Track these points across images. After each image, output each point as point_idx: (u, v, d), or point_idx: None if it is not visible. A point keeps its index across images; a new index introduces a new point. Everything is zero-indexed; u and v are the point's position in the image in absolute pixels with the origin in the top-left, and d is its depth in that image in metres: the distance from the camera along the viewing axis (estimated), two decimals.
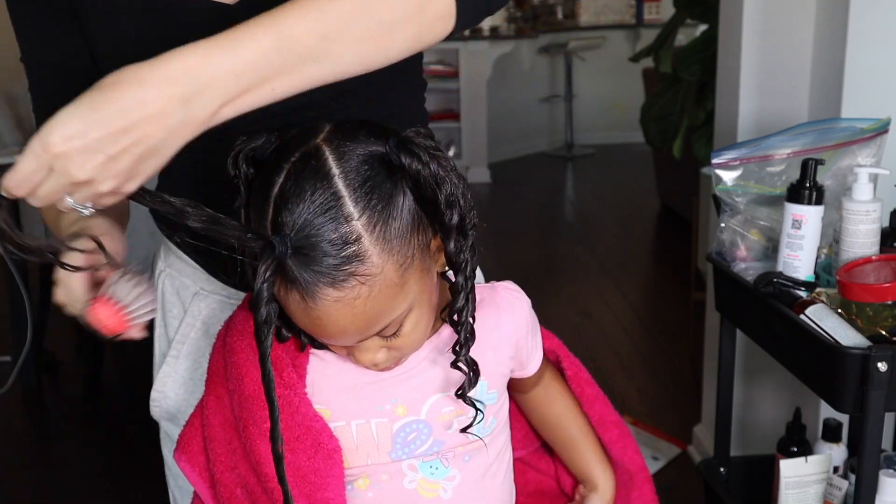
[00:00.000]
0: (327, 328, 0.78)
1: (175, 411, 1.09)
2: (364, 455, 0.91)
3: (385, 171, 0.77)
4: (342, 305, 0.76)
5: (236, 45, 0.72)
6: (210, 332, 1.07)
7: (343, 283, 0.75)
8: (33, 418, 3.13)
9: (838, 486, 1.56)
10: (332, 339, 0.81)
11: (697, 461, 2.18)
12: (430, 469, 0.92)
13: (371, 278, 0.76)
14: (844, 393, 1.31)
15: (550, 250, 4.82)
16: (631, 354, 3.34)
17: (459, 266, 0.83)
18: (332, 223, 0.74)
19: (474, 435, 0.91)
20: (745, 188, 1.54)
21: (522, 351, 0.96)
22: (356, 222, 0.75)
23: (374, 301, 0.77)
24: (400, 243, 0.77)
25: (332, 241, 0.74)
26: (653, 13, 6.96)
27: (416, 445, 0.91)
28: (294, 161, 0.77)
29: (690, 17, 2.83)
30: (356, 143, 0.78)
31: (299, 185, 0.75)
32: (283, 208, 0.75)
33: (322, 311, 0.76)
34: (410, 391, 0.90)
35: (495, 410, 0.94)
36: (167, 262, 1.10)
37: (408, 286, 0.79)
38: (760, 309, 1.50)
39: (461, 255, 0.82)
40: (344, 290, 0.75)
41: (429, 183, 0.78)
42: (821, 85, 1.93)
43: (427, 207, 0.79)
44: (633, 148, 6.45)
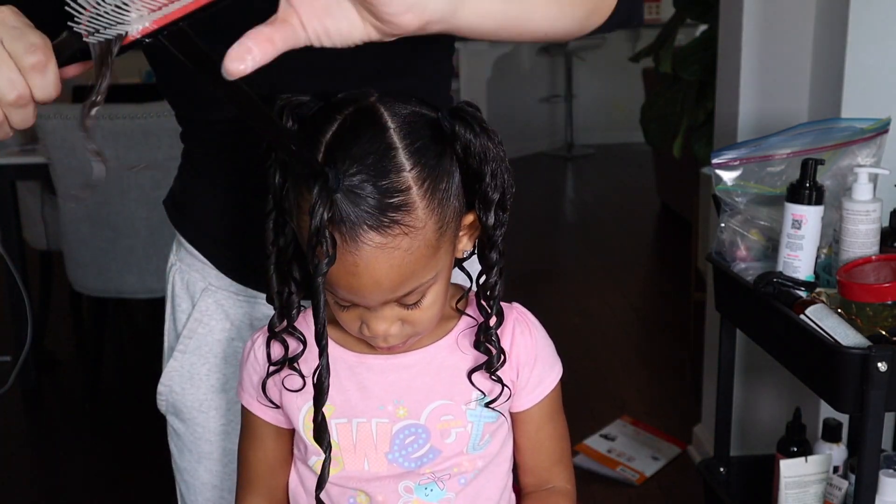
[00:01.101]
0: (362, 278, 0.78)
1: (181, 406, 1.10)
2: (361, 456, 0.91)
3: (436, 135, 0.80)
4: (382, 253, 0.77)
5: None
6: (217, 328, 1.07)
7: (387, 229, 0.76)
8: (33, 418, 3.13)
9: (838, 486, 1.56)
10: (361, 294, 0.80)
11: (697, 461, 2.18)
12: (425, 492, 0.92)
13: (413, 231, 0.77)
14: (844, 393, 1.31)
15: (550, 250, 4.82)
16: (631, 354, 3.34)
17: (496, 242, 0.85)
18: (384, 169, 0.76)
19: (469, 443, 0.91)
20: (745, 188, 1.54)
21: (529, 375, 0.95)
22: (407, 174, 0.76)
23: (413, 256, 0.78)
24: (443, 205, 0.79)
25: (383, 186, 0.75)
26: (653, 13, 6.96)
27: (412, 449, 0.91)
28: (348, 113, 0.79)
29: (690, 17, 2.83)
30: (409, 106, 0.80)
31: (354, 132, 0.77)
32: (336, 150, 0.76)
33: (361, 256, 0.76)
34: (413, 393, 0.90)
35: (493, 429, 0.93)
36: (178, 255, 1.10)
37: (440, 252, 0.81)
38: (760, 309, 1.50)
39: (498, 230, 0.84)
40: (387, 236, 0.76)
41: (477, 153, 0.81)
42: (821, 85, 1.93)
43: (468, 179, 0.82)
44: (633, 148, 6.45)
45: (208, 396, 1.08)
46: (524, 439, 0.98)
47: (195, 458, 1.11)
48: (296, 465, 0.97)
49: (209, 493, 1.11)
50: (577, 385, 2.99)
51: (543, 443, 0.98)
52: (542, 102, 7.15)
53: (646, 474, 2.49)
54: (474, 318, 0.91)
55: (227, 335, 1.07)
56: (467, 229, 0.86)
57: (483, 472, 0.94)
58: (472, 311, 0.92)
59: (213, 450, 1.10)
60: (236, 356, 1.07)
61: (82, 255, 2.84)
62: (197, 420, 1.09)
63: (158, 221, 2.70)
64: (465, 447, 0.91)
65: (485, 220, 0.84)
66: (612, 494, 2.43)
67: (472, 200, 0.84)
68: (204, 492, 1.11)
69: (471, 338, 0.91)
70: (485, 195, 0.83)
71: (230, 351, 1.07)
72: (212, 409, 1.09)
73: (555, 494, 0.99)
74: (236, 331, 1.07)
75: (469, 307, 0.93)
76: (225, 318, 1.06)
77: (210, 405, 1.09)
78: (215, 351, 1.07)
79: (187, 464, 1.12)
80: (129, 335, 3.60)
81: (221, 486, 1.11)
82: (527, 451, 0.98)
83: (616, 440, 2.65)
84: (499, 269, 0.87)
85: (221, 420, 1.09)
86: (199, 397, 1.08)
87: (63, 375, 3.35)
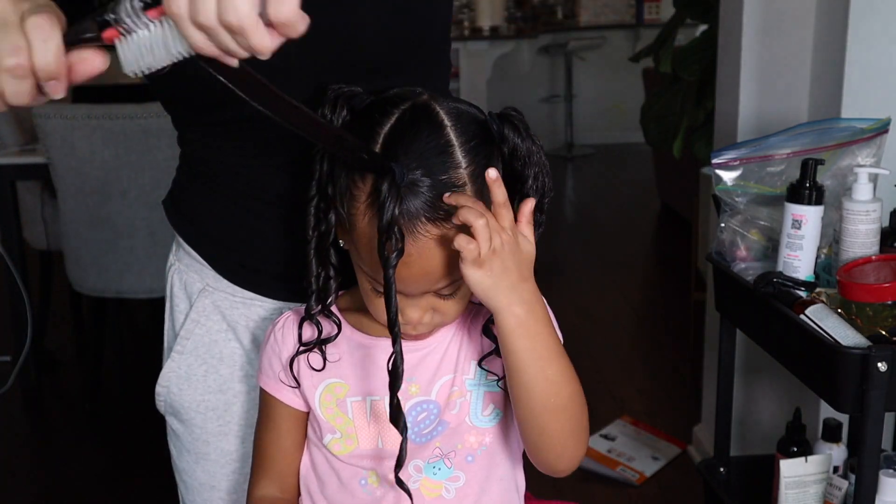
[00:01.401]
0: (413, 267, 0.81)
1: (179, 406, 1.10)
2: (375, 434, 0.92)
3: (486, 135, 0.84)
4: (436, 244, 0.81)
5: None
6: (214, 328, 1.07)
7: (443, 221, 0.80)
8: (33, 418, 3.13)
9: (838, 486, 1.56)
10: (409, 282, 0.83)
11: (697, 461, 2.18)
12: (433, 470, 0.93)
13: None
14: (844, 393, 1.31)
15: (550, 250, 4.82)
16: (631, 354, 3.34)
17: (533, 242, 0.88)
18: (444, 165, 0.80)
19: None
20: (745, 188, 1.54)
21: None
22: (463, 170, 0.81)
23: None
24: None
25: (443, 180, 0.80)
26: (653, 13, 6.96)
27: (424, 426, 0.92)
28: (405, 108, 0.83)
29: (690, 17, 2.83)
30: (461, 106, 0.84)
31: (414, 127, 0.81)
32: (396, 144, 0.80)
33: (416, 247, 0.80)
34: (424, 371, 0.92)
35: (497, 400, 0.94)
36: (177, 256, 1.10)
37: None
38: (760, 309, 1.50)
39: (536, 229, 0.88)
40: (442, 228, 0.80)
41: (522, 157, 0.85)
42: (821, 85, 1.93)
43: (508, 181, 0.84)
44: (633, 148, 6.45)
45: (205, 397, 1.08)
46: None
47: (193, 459, 1.11)
48: (309, 449, 0.98)
49: (207, 494, 1.11)
50: None
51: None
52: (542, 102, 7.14)
53: (646, 474, 2.49)
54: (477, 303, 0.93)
55: (223, 336, 1.07)
56: None
57: (490, 450, 0.95)
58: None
59: (210, 451, 1.10)
60: (233, 357, 1.07)
61: (82, 255, 2.84)
62: (194, 421, 1.09)
63: (158, 221, 2.70)
64: (466, 416, 0.93)
65: None
66: (612, 494, 2.43)
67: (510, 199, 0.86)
68: (202, 492, 1.12)
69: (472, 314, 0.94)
70: (526, 196, 0.86)
71: (227, 352, 1.07)
72: (209, 410, 1.09)
73: None
74: (233, 332, 1.07)
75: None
76: (222, 319, 1.07)
77: (207, 406, 1.09)
78: (213, 352, 1.07)
79: (185, 464, 1.12)
80: (129, 335, 3.60)
81: (219, 486, 1.11)
82: None
83: (616, 440, 2.65)
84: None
85: (218, 421, 1.09)
86: (196, 398, 1.08)
87: (63, 375, 3.35)
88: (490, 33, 6.25)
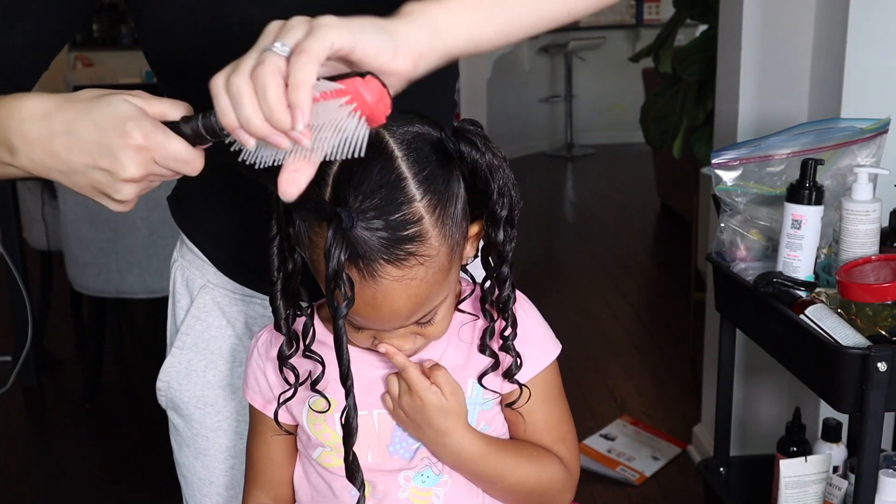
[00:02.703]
0: (381, 309, 0.79)
1: (179, 402, 1.10)
2: (364, 448, 0.91)
3: (442, 157, 0.79)
4: (399, 285, 0.77)
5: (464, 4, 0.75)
6: (214, 325, 1.08)
7: (403, 261, 0.76)
8: (33, 418, 3.13)
9: (838, 485, 1.56)
10: (380, 323, 0.82)
11: (697, 461, 2.18)
12: (422, 478, 0.93)
13: (429, 259, 0.78)
14: (844, 393, 1.31)
15: (550, 250, 4.82)
16: (631, 354, 3.34)
17: (506, 257, 0.85)
18: (396, 202, 0.75)
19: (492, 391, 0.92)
20: (744, 188, 1.54)
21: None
22: (418, 204, 0.76)
23: (427, 284, 0.79)
24: (454, 228, 0.79)
25: (396, 219, 0.75)
26: (653, 13, 6.96)
27: (412, 441, 0.92)
28: None
29: (690, 17, 2.82)
30: (413, 129, 0.79)
31: (363, 165, 0.75)
32: (346, 186, 0.75)
33: (380, 290, 0.77)
34: None
35: (489, 417, 0.93)
36: (180, 252, 1.11)
37: (452, 272, 0.82)
38: (760, 309, 1.50)
39: (508, 245, 0.84)
40: (404, 268, 0.77)
41: (484, 172, 0.81)
42: (821, 85, 1.93)
43: (473, 196, 0.82)
44: (633, 148, 6.45)
45: (205, 393, 1.09)
46: (517, 422, 0.96)
47: (192, 454, 1.12)
48: (300, 459, 0.97)
49: (206, 489, 1.12)
50: (577, 385, 2.99)
51: (537, 425, 0.96)
52: (542, 102, 7.15)
53: (646, 474, 2.49)
54: (473, 314, 0.91)
55: (223, 332, 1.08)
56: (472, 238, 0.87)
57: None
58: (469, 304, 0.92)
59: (209, 446, 1.10)
60: (232, 353, 1.08)
61: (82, 255, 2.84)
62: (194, 416, 1.10)
63: (158, 221, 2.70)
64: None
65: (494, 237, 0.84)
66: (612, 494, 2.43)
67: (475, 209, 0.84)
68: (201, 487, 1.12)
69: (472, 332, 0.92)
70: (493, 212, 0.83)
71: (226, 348, 1.08)
72: (208, 406, 1.09)
73: (552, 454, 0.97)
74: (232, 329, 1.07)
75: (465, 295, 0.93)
76: (221, 315, 1.07)
77: (206, 401, 1.09)
78: (212, 348, 1.08)
79: (185, 459, 1.13)
80: (129, 335, 3.60)
81: (218, 482, 1.11)
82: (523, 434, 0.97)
83: (616, 440, 2.65)
84: (511, 283, 0.87)
85: (217, 417, 1.09)
86: (195, 393, 1.09)
87: (63, 375, 3.35)
88: None
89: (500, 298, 0.88)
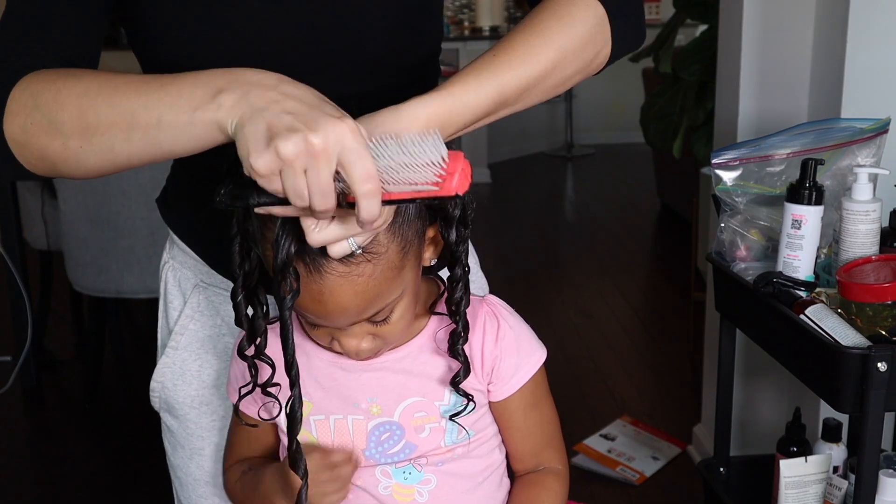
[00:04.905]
0: (327, 305, 0.79)
1: (173, 402, 1.10)
2: None
3: None
4: (346, 281, 0.77)
5: (468, 97, 0.79)
6: (208, 324, 1.08)
7: (349, 258, 0.76)
8: (33, 418, 3.13)
9: (838, 485, 1.56)
10: (328, 318, 0.82)
11: (697, 461, 2.17)
12: (403, 475, 0.93)
13: (377, 256, 0.78)
14: (844, 393, 1.31)
15: (550, 250, 4.82)
16: (631, 354, 3.34)
17: (458, 257, 0.85)
18: None
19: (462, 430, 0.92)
20: (744, 188, 1.54)
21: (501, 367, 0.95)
22: None
23: (376, 281, 0.79)
24: (404, 227, 0.80)
25: None
26: (653, 13, 6.95)
27: (388, 445, 0.92)
28: None
29: (690, 17, 2.83)
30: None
31: None
32: None
33: (326, 285, 0.77)
34: (385, 392, 0.91)
35: (470, 422, 0.94)
36: (171, 253, 1.11)
37: (405, 270, 0.82)
38: (760, 309, 1.50)
39: (461, 245, 0.84)
40: (350, 265, 0.77)
41: None
42: (821, 85, 1.93)
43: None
44: (633, 148, 6.45)
45: (200, 392, 1.09)
46: (511, 428, 0.98)
47: (187, 455, 1.11)
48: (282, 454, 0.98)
49: (202, 490, 1.12)
50: (577, 385, 2.99)
51: (532, 429, 0.98)
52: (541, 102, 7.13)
53: (646, 474, 2.49)
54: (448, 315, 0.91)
55: (217, 331, 1.08)
56: (431, 241, 0.87)
57: (462, 455, 0.95)
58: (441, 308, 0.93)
59: (204, 446, 1.10)
60: (227, 352, 1.08)
61: (82, 255, 2.84)
62: (189, 416, 1.10)
63: (158, 221, 2.67)
64: (440, 441, 0.93)
65: (447, 237, 0.84)
66: (612, 494, 2.43)
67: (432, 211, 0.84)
68: (196, 488, 1.12)
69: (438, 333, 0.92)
70: (445, 213, 0.83)
71: (220, 347, 1.08)
72: (203, 405, 1.09)
73: (547, 475, 1.00)
74: (227, 327, 1.07)
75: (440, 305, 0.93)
76: (216, 314, 1.07)
77: (201, 401, 1.09)
78: (206, 347, 1.08)
79: (180, 460, 1.12)
80: (129, 335, 3.60)
81: (213, 482, 1.11)
82: (516, 439, 0.99)
83: (616, 440, 2.65)
84: (464, 284, 0.87)
85: (213, 416, 1.09)
86: (190, 393, 1.09)
87: (63, 375, 3.35)
88: (490, 33, 6.25)
89: (451, 299, 0.88)
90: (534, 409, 0.98)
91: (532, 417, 0.98)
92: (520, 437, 0.99)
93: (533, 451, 1.00)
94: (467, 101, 0.79)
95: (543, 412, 0.99)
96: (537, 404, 0.98)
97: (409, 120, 0.75)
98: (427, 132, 0.70)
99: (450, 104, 0.78)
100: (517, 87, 0.82)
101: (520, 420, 0.97)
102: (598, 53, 0.89)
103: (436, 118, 0.77)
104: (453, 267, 0.86)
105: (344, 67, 0.92)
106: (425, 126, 0.75)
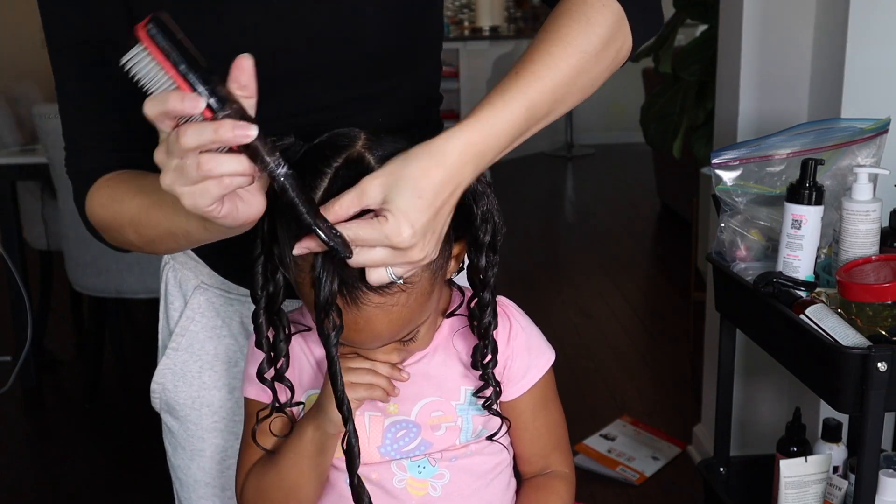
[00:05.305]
0: (363, 332, 0.80)
1: (174, 403, 1.10)
2: None
3: None
4: (382, 311, 0.78)
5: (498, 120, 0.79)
6: (209, 325, 1.07)
7: (386, 289, 0.77)
8: (33, 418, 3.13)
9: (838, 485, 1.56)
10: (361, 344, 0.83)
11: (697, 461, 2.17)
12: (417, 468, 0.94)
13: (411, 286, 0.78)
14: (844, 393, 1.31)
15: (550, 250, 4.82)
16: (631, 354, 3.34)
17: (488, 282, 0.86)
18: None
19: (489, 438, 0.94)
20: (744, 188, 1.54)
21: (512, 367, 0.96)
22: None
23: (409, 308, 0.80)
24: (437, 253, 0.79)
25: None
26: None
27: (404, 443, 0.93)
28: (337, 167, 0.77)
29: (690, 17, 2.83)
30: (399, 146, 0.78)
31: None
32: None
33: (362, 315, 0.78)
34: (402, 392, 0.91)
35: (484, 421, 0.95)
36: (172, 255, 1.10)
37: (434, 294, 0.83)
38: (760, 309, 1.50)
39: (490, 270, 0.85)
40: (386, 295, 0.77)
41: (467, 197, 0.81)
42: (821, 85, 1.93)
43: (457, 214, 0.81)
44: (633, 148, 6.45)
45: (200, 394, 1.09)
46: (520, 429, 0.99)
47: (188, 456, 1.11)
48: None
49: (202, 491, 1.12)
50: (577, 385, 2.99)
51: (540, 431, 0.99)
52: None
53: (646, 474, 2.49)
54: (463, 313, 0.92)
55: (218, 333, 1.08)
56: (454, 257, 0.87)
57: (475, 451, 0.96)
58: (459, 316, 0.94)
59: (205, 447, 1.10)
60: (227, 354, 1.08)
61: (82, 255, 2.83)
62: (189, 417, 1.10)
63: None
64: (456, 440, 0.93)
65: (477, 262, 0.85)
66: (612, 494, 2.43)
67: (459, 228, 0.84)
68: (197, 489, 1.12)
69: (465, 340, 0.93)
70: (476, 238, 0.84)
71: (221, 348, 1.08)
72: (204, 406, 1.09)
73: (554, 479, 1.01)
74: (227, 329, 1.07)
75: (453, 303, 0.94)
76: (216, 315, 1.07)
77: (202, 402, 1.09)
78: (207, 348, 1.08)
79: (181, 461, 1.12)
80: (128, 335, 3.60)
81: (214, 483, 1.11)
82: (524, 440, 1.00)
83: (616, 440, 2.65)
84: (492, 309, 0.87)
85: (213, 417, 1.09)
86: (191, 394, 1.09)
87: (63, 375, 3.35)
88: (490, 33, 6.26)
89: (481, 325, 0.88)
90: (542, 410, 0.99)
91: (540, 419, 0.99)
92: (528, 439, 0.99)
93: (541, 454, 1.00)
94: (498, 124, 0.78)
95: (552, 414, 1.00)
96: (546, 406, 0.99)
97: (440, 155, 0.74)
98: None
99: (480, 130, 0.77)
100: (545, 99, 0.81)
101: (528, 421, 0.98)
102: (621, 49, 0.88)
103: (470, 148, 0.76)
104: (483, 291, 0.87)
105: (342, 71, 0.92)
106: (460, 158, 0.75)
